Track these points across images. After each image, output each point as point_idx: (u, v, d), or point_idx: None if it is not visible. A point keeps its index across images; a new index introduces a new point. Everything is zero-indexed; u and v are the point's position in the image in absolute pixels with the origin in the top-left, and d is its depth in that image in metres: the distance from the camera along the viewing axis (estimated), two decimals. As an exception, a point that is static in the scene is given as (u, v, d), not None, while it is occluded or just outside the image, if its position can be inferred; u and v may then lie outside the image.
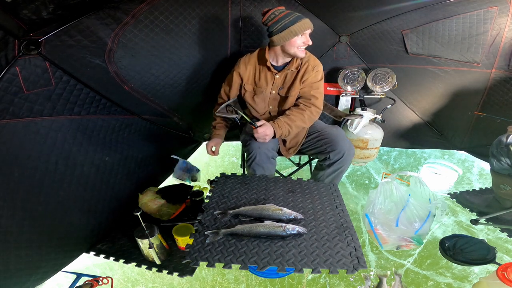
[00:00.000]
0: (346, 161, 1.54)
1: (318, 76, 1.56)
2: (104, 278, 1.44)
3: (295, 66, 1.53)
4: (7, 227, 1.17)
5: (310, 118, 1.54)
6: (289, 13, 1.40)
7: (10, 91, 1.17)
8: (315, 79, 1.55)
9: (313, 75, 1.54)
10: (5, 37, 1.12)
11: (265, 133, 1.41)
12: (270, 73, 1.56)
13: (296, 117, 1.50)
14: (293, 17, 1.39)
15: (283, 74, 1.55)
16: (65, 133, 1.42)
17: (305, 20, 1.40)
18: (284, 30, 1.38)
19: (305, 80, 1.54)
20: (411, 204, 1.63)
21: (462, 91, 2.07)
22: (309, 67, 1.53)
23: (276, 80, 1.56)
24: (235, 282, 1.64)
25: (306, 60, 1.54)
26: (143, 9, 1.43)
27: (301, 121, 1.51)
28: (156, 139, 2.07)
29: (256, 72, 1.59)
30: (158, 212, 1.72)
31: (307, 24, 1.41)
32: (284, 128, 1.46)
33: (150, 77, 1.68)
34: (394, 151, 2.84)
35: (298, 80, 1.54)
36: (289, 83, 1.57)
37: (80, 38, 1.33)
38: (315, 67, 1.54)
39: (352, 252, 1.05)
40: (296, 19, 1.39)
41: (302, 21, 1.39)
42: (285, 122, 1.47)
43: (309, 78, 1.53)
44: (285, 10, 1.41)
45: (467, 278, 1.55)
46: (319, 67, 1.56)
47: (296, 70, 1.54)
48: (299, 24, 1.38)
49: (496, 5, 1.68)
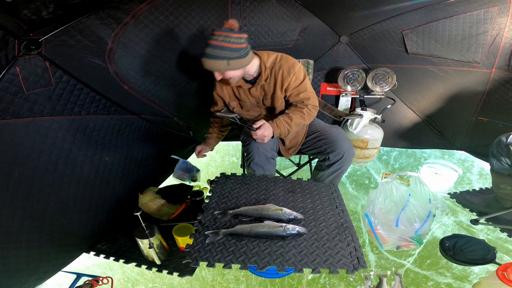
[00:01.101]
0: (346, 162, 1.53)
1: (299, 77, 1.44)
2: (104, 278, 1.44)
3: (265, 78, 1.44)
4: (7, 227, 1.17)
5: (309, 114, 1.48)
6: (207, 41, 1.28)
7: (10, 91, 1.17)
8: (297, 82, 1.44)
9: (293, 79, 1.42)
10: (5, 37, 1.12)
11: (263, 134, 1.38)
12: (244, 89, 1.52)
13: (295, 114, 1.44)
14: (205, 48, 1.28)
15: (258, 86, 1.48)
16: (65, 133, 1.42)
17: (202, 60, 1.29)
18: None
19: (287, 88, 1.45)
20: (411, 204, 1.63)
21: (462, 91, 2.07)
22: (284, 72, 1.41)
23: (253, 93, 1.51)
24: (235, 282, 1.64)
25: (279, 65, 1.42)
26: (143, 9, 1.43)
27: (300, 119, 1.45)
28: (156, 139, 2.07)
29: (234, 89, 1.55)
30: (158, 212, 1.72)
31: (203, 64, 1.30)
32: (283, 128, 1.42)
33: (150, 77, 1.68)
34: (394, 151, 2.84)
35: (278, 89, 1.45)
36: (270, 93, 1.50)
37: (80, 38, 1.33)
38: (290, 70, 1.41)
39: (352, 252, 1.05)
40: (202, 52, 1.28)
41: (201, 59, 1.29)
42: (284, 121, 1.43)
43: (290, 84, 1.43)
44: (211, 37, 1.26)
45: (467, 278, 1.55)
46: (295, 68, 1.42)
47: (273, 77, 1.44)
48: (203, 61, 1.30)
49: (496, 5, 1.68)
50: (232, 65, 1.30)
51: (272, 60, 1.44)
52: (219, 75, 1.35)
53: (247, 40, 1.32)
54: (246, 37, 1.31)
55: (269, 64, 1.43)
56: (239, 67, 1.33)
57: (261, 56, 1.44)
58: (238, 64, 1.32)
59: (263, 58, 1.43)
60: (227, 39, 1.25)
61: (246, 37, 1.31)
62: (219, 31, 1.25)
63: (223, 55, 1.26)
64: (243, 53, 1.31)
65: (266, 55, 1.45)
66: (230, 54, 1.27)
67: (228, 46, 1.26)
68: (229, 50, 1.26)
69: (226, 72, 1.33)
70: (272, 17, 1.84)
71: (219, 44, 1.25)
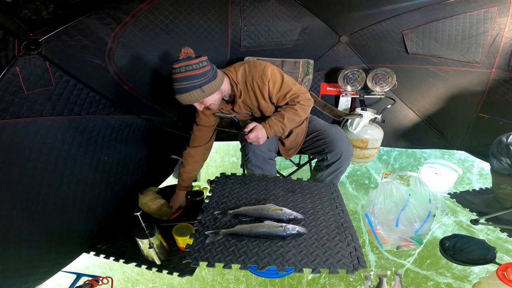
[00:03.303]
0: (345, 162, 1.53)
1: (276, 79, 1.37)
2: (104, 278, 1.44)
3: (239, 94, 1.41)
4: (7, 227, 1.17)
5: (302, 109, 1.44)
6: (173, 76, 1.24)
7: (10, 91, 1.17)
8: (277, 86, 1.38)
9: (270, 86, 1.37)
10: (5, 37, 1.12)
11: (257, 136, 1.37)
12: (228, 108, 1.50)
13: (286, 112, 1.42)
14: (173, 84, 1.24)
15: (239, 104, 1.46)
16: (64, 133, 1.42)
17: (177, 97, 1.25)
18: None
19: (270, 95, 1.41)
20: (411, 204, 1.63)
21: (462, 91, 2.07)
22: (258, 82, 1.36)
23: (238, 110, 1.50)
24: (235, 282, 1.64)
25: (250, 78, 1.37)
26: (143, 9, 1.43)
27: (293, 115, 1.42)
28: (156, 139, 2.07)
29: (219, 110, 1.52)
30: (158, 212, 1.72)
31: (179, 101, 1.27)
32: (276, 127, 1.40)
33: (150, 77, 1.68)
34: (394, 151, 2.84)
35: (261, 99, 1.42)
36: (255, 106, 1.47)
37: (80, 38, 1.33)
38: (263, 77, 1.35)
39: (352, 252, 1.05)
40: (175, 91, 1.25)
41: (175, 96, 1.25)
42: (276, 120, 1.40)
43: (270, 90, 1.39)
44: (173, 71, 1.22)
45: (467, 278, 1.55)
46: (266, 73, 1.34)
47: (249, 91, 1.40)
48: (177, 98, 1.26)
49: (496, 5, 1.68)
50: (206, 91, 1.25)
51: (241, 73, 1.39)
52: (199, 105, 1.32)
53: (208, 61, 1.27)
54: (206, 59, 1.27)
55: (239, 78, 1.39)
56: (214, 90, 1.29)
57: (228, 74, 1.39)
58: (212, 88, 1.27)
59: (232, 75, 1.39)
60: (189, 68, 1.21)
61: (206, 59, 1.27)
62: (177, 63, 1.21)
63: (193, 84, 1.22)
64: (211, 76, 1.26)
65: (234, 70, 1.40)
66: (199, 81, 1.22)
67: (193, 74, 1.21)
68: (196, 78, 1.22)
69: (204, 100, 1.29)
70: (272, 17, 1.84)
71: (184, 76, 1.21)
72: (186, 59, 1.22)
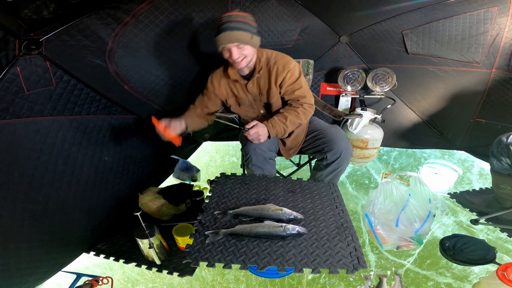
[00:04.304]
0: (344, 161, 1.53)
1: (295, 73, 1.44)
2: (104, 278, 1.44)
3: (258, 70, 1.44)
4: (8, 227, 1.17)
5: (304, 113, 1.47)
6: (223, 21, 1.29)
7: (11, 91, 1.17)
8: (292, 79, 1.44)
9: (287, 76, 1.43)
10: (6, 36, 1.12)
11: (258, 133, 1.37)
12: (240, 84, 1.51)
13: (289, 113, 1.44)
14: (221, 27, 1.28)
15: (253, 82, 1.48)
16: (65, 133, 1.42)
17: (223, 34, 1.27)
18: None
19: (282, 84, 1.45)
20: (411, 204, 1.63)
21: (462, 91, 2.07)
22: (279, 68, 1.42)
23: (250, 89, 1.50)
24: (235, 282, 1.64)
25: (273, 61, 1.43)
26: (144, 9, 1.44)
27: (295, 117, 1.44)
28: (156, 139, 2.07)
29: (231, 85, 1.54)
30: (158, 212, 1.72)
31: (224, 39, 1.28)
32: (278, 127, 1.41)
33: (150, 77, 1.68)
34: (394, 151, 2.84)
35: (273, 84, 1.45)
36: (265, 89, 1.49)
37: (81, 38, 1.33)
38: (285, 66, 1.42)
39: (352, 252, 1.05)
40: (219, 31, 1.29)
41: (220, 35, 1.28)
42: (278, 120, 1.42)
43: (285, 80, 1.43)
44: (225, 17, 1.29)
45: (467, 278, 1.55)
46: (290, 65, 1.43)
47: (267, 72, 1.45)
48: (218, 38, 1.29)
49: (496, 5, 1.68)
50: (253, 40, 1.33)
51: (268, 54, 1.46)
52: (237, 51, 1.31)
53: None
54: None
55: (264, 58, 1.45)
56: (256, 44, 1.37)
57: (257, 51, 1.45)
58: (256, 42, 1.35)
59: (259, 53, 1.45)
60: (246, 17, 1.31)
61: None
62: (234, 12, 1.31)
63: (246, 28, 1.29)
64: (257, 33, 1.36)
65: (262, 51, 1.47)
66: (252, 29, 1.32)
67: (249, 22, 1.31)
68: (250, 26, 1.31)
69: (245, 47, 1.32)
70: (272, 17, 1.84)
71: (241, 20, 1.29)
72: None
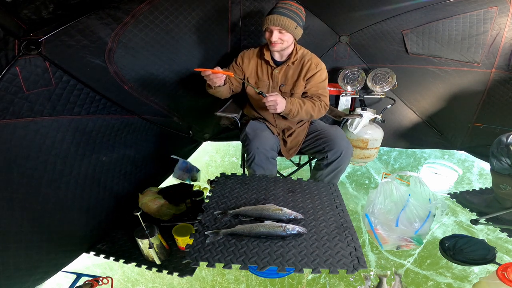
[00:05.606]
0: (344, 160, 1.54)
1: (323, 75, 1.57)
2: (104, 278, 1.44)
3: (292, 61, 1.53)
4: (7, 227, 1.17)
5: (319, 110, 1.54)
6: (278, 5, 1.41)
7: (10, 91, 1.17)
8: (320, 78, 1.56)
9: (317, 74, 1.54)
10: (5, 37, 1.12)
11: (276, 101, 1.37)
12: (269, 67, 1.58)
13: (308, 102, 1.51)
14: (273, 9, 1.41)
15: (282, 69, 1.56)
16: (64, 133, 1.42)
17: (271, 16, 1.38)
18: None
19: (310, 79, 1.55)
20: (411, 204, 1.63)
21: (462, 91, 2.07)
22: (312, 65, 1.53)
23: (276, 75, 1.57)
24: (235, 282, 1.64)
25: (308, 58, 1.55)
26: (143, 9, 1.43)
27: (311, 108, 1.51)
28: (156, 139, 2.07)
29: (258, 66, 1.61)
30: (158, 212, 1.72)
31: (270, 21, 1.39)
32: (294, 107, 1.45)
33: (150, 77, 1.68)
34: (394, 151, 2.84)
35: (302, 77, 1.54)
36: (292, 80, 1.57)
37: (80, 38, 1.33)
38: (318, 65, 1.55)
39: (352, 252, 1.05)
40: (270, 12, 1.41)
41: (269, 15, 1.39)
42: (297, 101, 1.47)
43: (314, 77, 1.54)
44: (281, 3, 1.42)
45: (467, 278, 1.55)
46: (321, 66, 1.57)
47: (299, 66, 1.55)
48: (266, 17, 1.41)
49: (496, 5, 1.68)
50: (296, 31, 1.44)
51: (304, 52, 1.59)
52: (278, 33, 1.42)
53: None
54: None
55: (300, 53, 1.56)
56: (297, 35, 1.48)
57: (296, 44, 1.57)
58: (298, 33, 1.47)
59: (297, 47, 1.56)
60: (299, 10, 1.44)
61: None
62: (292, 1, 1.45)
63: (294, 18, 1.41)
64: (302, 26, 1.47)
65: (301, 47, 1.60)
66: (299, 20, 1.43)
67: (299, 14, 1.44)
68: (299, 17, 1.43)
69: (286, 34, 1.43)
70: (272, 17, 1.84)
71: (294, 10, 1.41)
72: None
